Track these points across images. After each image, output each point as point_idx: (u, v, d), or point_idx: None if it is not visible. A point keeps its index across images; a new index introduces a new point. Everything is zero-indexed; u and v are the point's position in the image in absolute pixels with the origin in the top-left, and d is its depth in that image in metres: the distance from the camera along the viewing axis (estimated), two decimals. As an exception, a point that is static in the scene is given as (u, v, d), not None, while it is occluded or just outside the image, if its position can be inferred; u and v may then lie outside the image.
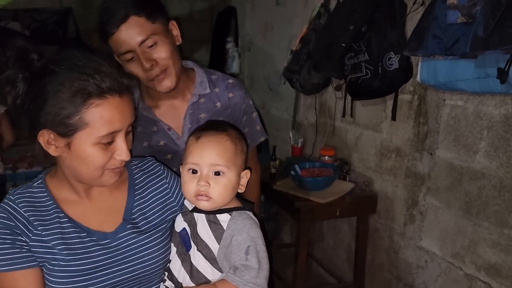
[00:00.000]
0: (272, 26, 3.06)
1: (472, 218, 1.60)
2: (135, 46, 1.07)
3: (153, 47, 1.09)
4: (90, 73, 0.80)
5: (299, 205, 1.95)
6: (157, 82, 1.13)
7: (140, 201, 0.97)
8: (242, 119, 1.34)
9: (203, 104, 1.26)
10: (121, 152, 0.86)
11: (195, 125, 1.24)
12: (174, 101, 1.25)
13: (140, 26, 1.06)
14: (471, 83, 1.44)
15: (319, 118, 2.53)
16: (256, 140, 1.42)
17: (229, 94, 1.30)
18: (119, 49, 1.08)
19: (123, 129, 0.86)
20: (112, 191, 0.96)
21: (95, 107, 0.80)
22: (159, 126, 1.24)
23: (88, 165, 0.84)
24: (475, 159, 1.58)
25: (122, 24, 1.05)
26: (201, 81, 1.27)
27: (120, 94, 0.84)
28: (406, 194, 1.92)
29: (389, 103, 1.96)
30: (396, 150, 1.96)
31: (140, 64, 1.09)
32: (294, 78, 2.29)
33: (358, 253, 2.19)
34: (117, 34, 1.06)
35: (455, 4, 1.39)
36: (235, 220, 0.91)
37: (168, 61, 1.12)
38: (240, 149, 0.95)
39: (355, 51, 1.84)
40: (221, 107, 1.29)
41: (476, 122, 1.56)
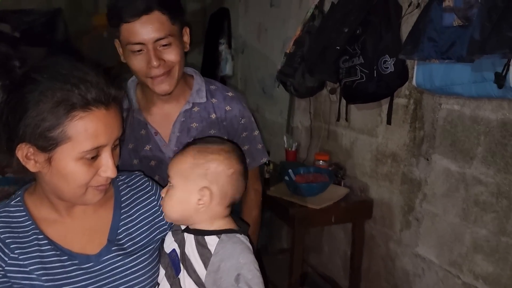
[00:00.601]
0: (265, 28, 3.02)
1: (470, 225, 1.57)
2: (150, 41, 1.03)
3: (166, 47, 1.06)
4: (75, 83, 0.74)
5: (294, 212, 1.90)
6: (155, 82, 1.09)
7: (126, 220, 0.91)
8: (241, 134, 1.27)
9: (196, 113, 1.21)
10: (106, 168, 0.80)
11: (185, 134, 1.19)
12: (167, 106, 1.19)
13: (161, 23, 1.03)
14: (467, 87, 1.41)
15: (313, 122, 2.48)
16: (257, 160, 1.33)
17: (226, 107, 1.23)
18: (130, 39, 1.03)
19: (109, 143, 0.80)
20: (97, 209, 0.89)
21: (79, 120, 0.74)
22: (147, 130, 1.19)
23: (70, 182, 0.78)
24: (472, 164, 1.54)
25: (144, 16, 1.01)
26: (198, 89, 1.22)
27: (107, 106, 0.78)
28: (402, 200, 1.89)
29: (384, 107, 1.92)
30: (392, 155, 1.93)
31: (147, 59, 1.05)
32: (288, 81, 2.25)
33: (354, 260, 2.15)
34: (134, 24, 1.02)
35: (451, 7, 1.35)
36: (224, 244, 0.84)
37: (175, 65, 1.09)
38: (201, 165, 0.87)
39: (349, 54, 1.80)
40: (216, 119, 1.22)
41: (473, 127, 1.52)
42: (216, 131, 1.22)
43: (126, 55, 1.08)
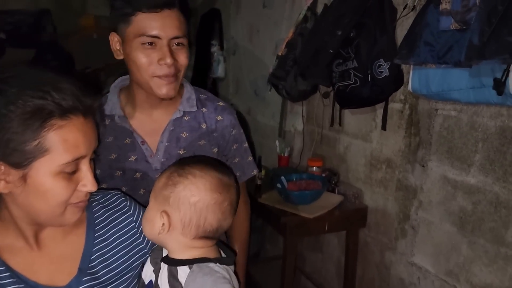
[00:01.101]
0: (257, 29, 2.96)
1: (467, 234, 1.52)
2: (167, 37, 0.98)
3: (178, 48, 1.02)
4: (48, 91, 0.67)
5: (286, 220, 1.84)
6: (163, 83, 1.02)
7: (101, 245, 0.83)
8: (231, 147, 1.22)
9: (186, 122, 1.14)
10: (86, 181, 0.74)
11: (174, 144, 1.11)
12: (155, 114, 1.12)
13: (180, 21, 1.01)
14: (465, 93, 1.36)
15: (306, 126, 2.43)
16: (248, 173, 1.28)
17: (217, 117, 1.17)
18: (146, 30, 0.96)
19: (88, 155, 0.74)
20: (67, 234, 0.81)
21: (58, 129, 0.68)
22: (132, 138, 1.09)
23: (49, 200, 0.71)
24: (469, 172, 1.49)
25: (166, 9, 0.97)
26: (189, 97, 1.16)
27: (84, 114, 0.72)
28: (397, 208, 1.84)
29: (379, 112, 1.87)
30: (387, 161, 1.88)
31: (160, 55, 0.98)
32: (280, 84, 2.19)
33: (348, 268, 2.10)
34: (154, 15, 0.96)
35: (448, 10, 1.30)
36: (194, 276, 0.77)
37: (183, 68, 1.05)
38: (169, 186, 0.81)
39: (343, 57, 1.75)
40: (206, 129, 1.16)
41: (471, 133, 1.47)
42: (206, 142, 1.15)
43: (132, 49, 0.99)
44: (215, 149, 1.17)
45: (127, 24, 0.98)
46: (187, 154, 1.12)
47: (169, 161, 1.09)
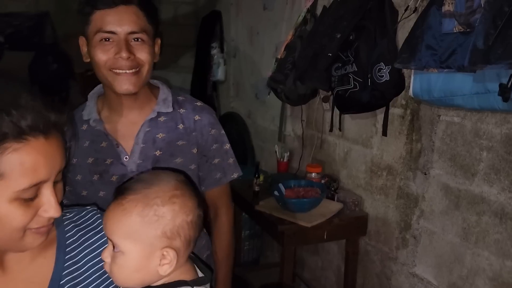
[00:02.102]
0: (257, 31, 2.91)
1: (471, 246, 1.46)
2: (123, 31, 0.98)
3: (138, 43, 1.01)
4: (4, 108, 0.61)
5: (283, 229, 1.79)
6: (119, 78, 1.01)
7: (71, 268, 0.76)
8: (211, 146, 1.20)
9: (163, 123, 1.12)
10: (48, 207, 0.66)
11: (150, 145, 1.10)
12: (130, 115, 1.11)
13: (138, 17, 1.00)
14: (469, 99, 1.29)
15: (306, 130, 2.37)
16: (228, 175, 1.25)
17: (195, 117, 1.16)
18: (102, 26, 0.97)
19: (51, 178, 0.66)
20: (35, 257, 0.74)
21: (13, 153, 0.61)
22: (108, 141, 1.10)
23: (4, 226, 0.64)
24: (473, 181, 1.43)
25: (121, 5, 0.98)
26: (165, 98, 1.15)
27: (46, 134, 0.64)
28: (398, 216, 1.77)
29: (379, 117, 1.81)
30: (388, 167, 1.82)
31: (116, 50, 0.98)
32: (279, 88, 2.14)
33: (347, 277, 2.04)
34: (109, 11, 0.97)
35: (451, 12, 1.24)
36: None
37: (145, 64, 1.03)
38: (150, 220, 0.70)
39: (342, 61, 1.69)
40: (184, 129, 1.14)
41: (475, 141, 1.41)
42: (185, 142, 1.14)
43: (91, 47, 1.00)
44: (195, 149, 1.16)
45: (88, 24, 1.00)
46: (164, 155, 1.11)
47: (145, 163, 1.09)
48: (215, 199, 1.26)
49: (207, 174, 1.21)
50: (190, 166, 1.16)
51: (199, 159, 1.18)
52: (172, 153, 1.12)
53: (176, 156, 1.12)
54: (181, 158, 1.13)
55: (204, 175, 1.21)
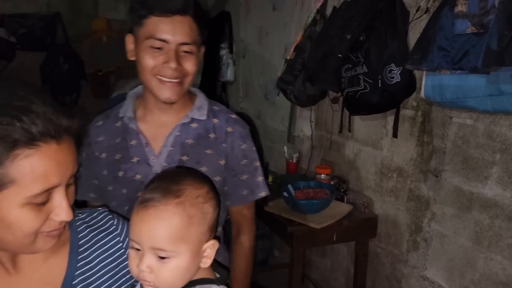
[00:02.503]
0: (266, 32, 2.91)
1: (483, 250, 1.44)
2: (175, 42, 0.98)
3: (186, 54, 1.01)
4: (16, 114, 0.60)
5: (292, 230, 1.78)
6: (163, 86, 1.02)
7: (84, 269, 0.76)
8: (240, 161, 1.16)
9: (194, 130, 1.12)
10: (60, 211, 0.66)
11: (178, 149, 1.09)
12: (164, 117, 1.11)
13: (191, 28, 1.00)
14: (482, 101, 1.27)
15: (315, 131, 2.36)
16: (256, 193, 1.20)
17: (227, 128, 1.14)
18: (155, 33, 0.98)
19: (63, 183, 0.66)
20: (48, 257, 0.74)
21: (24, 159, 0.60)
22: (138, 140, 1.10)
23: (15, 231, 0.64)
24: (486, 185, 1.41)
25: (178, 15, 0.98)
26: (200, 106, 1.15)
27: (58, 140, 0.64)
28: (409, 219, 1.76)
29: (390, 118, 1.79)
30: (398, 169, 1.80)
31: (165, 59, 0.99)
32: (288, 89, 2.13)
33: (357, 278, 2.02)
34: (165, 20, 0.97)
35: (464, 12, 1.22)
36: None
37: (189, 75, 1.04)
38: (198, 218, 0.72)
39: (352, 62, 1.68)
40: (214, 139, 1.13)
41: (488, 143, 1.39)
42: (213, 152, 1.12)
43: (140, 50, 1.01)
44: (223, 160, 1.14)
45: (140, 26, 1.00)
46: (191, 161, 1.09)
47: (170, 166, 1.09)
48: (239, 216, 1.23)
49: (233, 189, 1.18)
50: (215, 177, 1.12)
51: (226, 172, 1.15)
52: (198, 160, 1.10)
53: (202, 164, 1.11)
54: (207, 167, 1.11)
55: (230, 190, 1.18)
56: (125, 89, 2.86)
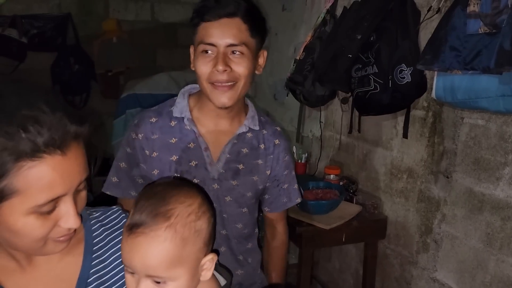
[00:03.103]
0: (276, 32, 2.91)
1: (495, 252, 1.42)
2: (223, 44, 0.98)
3: (236, 55, 1.00)
4: (23, 125, 0.59)
5: (301, 231, 1.78)
6: (216, 91, 1.01)
7: (98, 267, 0.77)
8: (283, 172, 1.20)
9: (249, 139, 1.14)
10: (67, 219, 0.65)
11: (234, 157, 1.11)
12: (221, 123, 1.11)
13: (239, 30, 0.99)
14: (494, 101, 1.26)
15: (324, 131, 2.36)
16: (293, 200, 1.27)
17: (275, 140, 1.18)
18: (204, 38, 0.99)
19: (69, 192, 0.65)
20: (63, 255, 0.75)
21: (29, 170, 0.60)
22: (197, 143, 1.09)
23: (23, 238, 0.64)
24: (498, 186, 1.40)
25: (225, 18, 0.98)
26: (253, 116, 1.16)
27: (63, 149, 0.62)
28: (419, 220, 1.74)
29: (400, 119, 1.79)
30: (408, 170, 1.79)
31: (214, 63, 0.99)
32: (298, 89, 2.13)
33: (366, 280, 2.01)
34: (212, 24, 0.99)
35: (476, 12, 1.22)
36: None
37: (241, 78, 1.02)
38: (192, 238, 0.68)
39: (362, 62, 1.67)
40: (264, 150, 1.16)
41: (500, 144, 1.38)
42: (262, 162, 1.15)
43: (195, 57, 1.03)
44: (269, 171, 1.17)
45: (195, 35, 1.02)
46: (245, 170, 1.12)
47: (226, 173, 1.10)
48: (275, 221, 1.28)
49: (275, 198, 1.23)
50: (260, 186, 1.17)
51: (269, 182, 1.19)
52: (251, 170, 1.13)
53: (254, 173, 1.14)
54: (258, 176, 1.15)
55: (272, 199, 1.23)
56: (135, 90, 2.89)
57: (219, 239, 1.15)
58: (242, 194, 1.13)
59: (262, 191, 1.19)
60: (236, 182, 1.12)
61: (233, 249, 1.18)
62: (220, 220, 1.13)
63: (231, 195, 1.12)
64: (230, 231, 1.16)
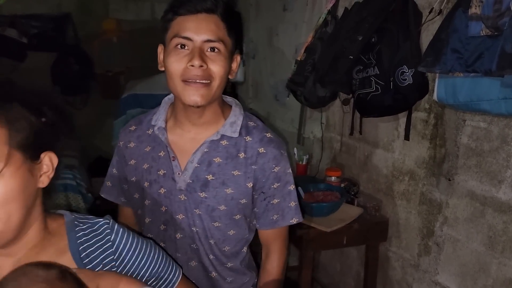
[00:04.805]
0: (277, 32, 2.90)
1: (497, 255, 1.41)
2: (199, 39, 0.94)
3: (213, 53, 0.96)
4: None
5: (302, 233, 1.77)
6: (188, 89, 0.95)
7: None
8: (271, 185, 1.06)
9: (223, 148, 1.04)
10: None
11: (204, 167, 1.03)
12: (194, 131, 1.05)
13: (217, 27, 0.96)
14: (496, 104, 1.25)
15: (325, 133, 2.35)
16: (286, 219, 1.10)
17: (259, 149, 1.04)
18: (179, 31, 0.94)
19: None
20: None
21: None
22: (166, 152, 1.05)
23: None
24: (500, 189, 1.39)
25: (204, 13, 0.95)
26: (233, 122, 1.06)
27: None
28: (420, 222, 1.73)
29: (401, 120, 1.77)
30: (410, 172, 1.78)
31: (189, 58, 0.93)
32: (299, 90, 2.12)
33: (367, 282, 2.01)
34: (189, 17, 0.95)
35: (478, 14, 1.20)
36: None
37: (216, 78, 0.96)
38: None
39: (364, 64, 1.66)
40: (244, 159, 1.04)
41: (502, 147, 1.37)
42: (241, 173, 1.04)
43: (166, 54, 0.97)
44: (250, 183, 1.05)
45: (167, 30, 0.98)
46: (215, 181, 1.03)
47: (195, 184, 1.03)
48: (268, 241, 1.14)
49: (262, 213, 1.09)
50: (241, 200, 1.06)
51: (255, 195, 1.07)
52: (224, 181, 1.04)
53: (227, 185, 1.04)
54: (232, 189, 1.04)
55: (260, 214, 1.10)
56: (135, 90, 2.88)
57: (189, 252, 1.08)
58: (213, 207, 1.04)
59: (246, 205, 1.07)
60: (205, 194, 1.03)
61: (205, 265, 1.10)
62: (190, 233, 1.06)
63: (199, 208, 1.04)
64: (202, 246, 1.08)
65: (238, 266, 1.14)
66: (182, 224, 1.06)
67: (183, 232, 1.07)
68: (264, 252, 1.16)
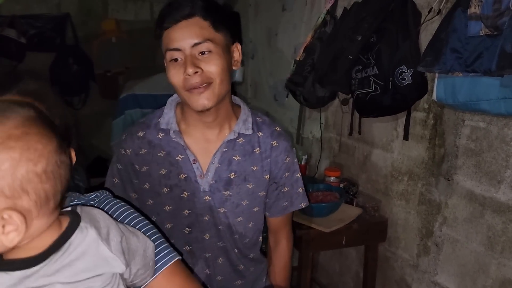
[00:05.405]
0: (276, 32, 2.89)
1: (496, 255, 1.41)
2: (187, 46, 0.94)
3: (205, 55, 0.95)
4: None
5: (301, 234, 1.77)
6: (192, 96, 0.96)
7: None
8: (283, 175, 1.13)
9: (240, 145, 1.07)
10: None
11: (225, 166, 1.05)
12: (209, 133, 1.06)
13: (200, 27, 0.95)
14: (495, 104, 1.25)
15: (324, 133, 2.34)
16: (295, 204, 1.18)
17: (272, 142, 1.09)
18: (168, 45, 0.96)
19: None
20: None
21: None
22: (185, 155, 1.04)
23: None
24: (499, 189, 1.38)
25: (183, 21, 0.95)
26: (245, 119, 1.09)
27: None
28: (419, 223, 1.73)
29: (400, 120, 1.77)
30: (409, 172, 1.77)
31: (184, 68, 0.94)
32: (298, 90, 2.12)
33: (366, 283, 2.00)
34: (172, 29, 0.95)
35: (477, 14, 1.20)
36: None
37: (215, 76, 0.96)
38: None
39: (363, 64, 1.66)
40: (259, 154, 1.09)
41: (501, 147, 1.36)
42: (258, 168, 1.08)
43: (166, 68, 0.99)
44: (267, 175, 1.10)
45: (161, 45, 0.99)
46: (238, 178, 1.07)
47: (218, 184, 1.06)
48: (278, 227, 1.22)
49: (274, 201, 1.16)
50: (260, 192, 1.11)
51: (269, 185, 1.13)
52: (245, 177, 1.08)
53: (249, 181, 1.08)
54: (253, 183, 1.09)
55: (271, 203, 1.16)
56: (134, 90, 2.87)
57: (216, 250, 1.11)
58: (237, 204, 1.09)
59: (264, 197, 1.13)
60: (229, 193, 1.07)
61: (232, 260, 1.14)
62: (216, 232, 1.09)
63: (224, 206, 1.07)
64: (228, 242, 1.12)
65: (258, 255, 1.21)
66: (208, 224, 1.08)
67: (210, 232, 1.09)
68: (272, 239, 1.25)
